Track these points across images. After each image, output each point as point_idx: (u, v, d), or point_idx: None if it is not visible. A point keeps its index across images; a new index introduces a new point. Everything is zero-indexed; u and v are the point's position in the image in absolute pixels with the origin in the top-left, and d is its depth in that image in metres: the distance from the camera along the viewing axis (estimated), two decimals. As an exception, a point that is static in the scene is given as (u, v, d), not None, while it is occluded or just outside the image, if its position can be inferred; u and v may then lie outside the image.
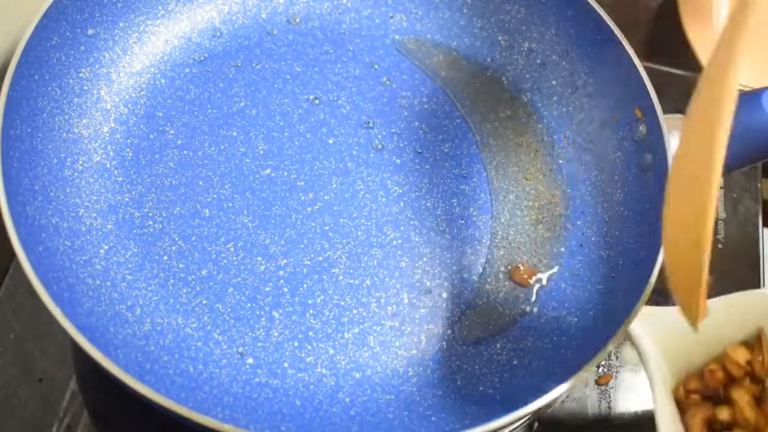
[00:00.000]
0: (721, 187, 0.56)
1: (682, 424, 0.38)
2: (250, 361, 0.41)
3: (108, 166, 0.46)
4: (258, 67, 0.51)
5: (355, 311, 0.44)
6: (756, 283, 0.53)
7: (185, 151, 0.47)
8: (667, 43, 0.75)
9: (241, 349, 0.42)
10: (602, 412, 0.47)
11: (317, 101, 0.50)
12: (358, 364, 0.42)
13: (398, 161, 0.49)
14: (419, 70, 0.52)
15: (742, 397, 0.38)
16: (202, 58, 0.50)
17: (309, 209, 0.46)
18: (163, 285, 0.43)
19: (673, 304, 0.35)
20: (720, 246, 0.54)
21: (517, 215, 0.48)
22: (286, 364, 0.42)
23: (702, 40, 0.71)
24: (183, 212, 0.45)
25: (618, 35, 0.47)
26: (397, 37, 0.53)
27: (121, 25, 0.48)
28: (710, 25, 0.73)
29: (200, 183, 0.46)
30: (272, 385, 0.41)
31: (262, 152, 0.48)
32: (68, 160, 0.44)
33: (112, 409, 0.44)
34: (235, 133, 0.48)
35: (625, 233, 0.45)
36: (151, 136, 0.47)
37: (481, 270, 0.46)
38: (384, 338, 0.43)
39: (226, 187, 0.46)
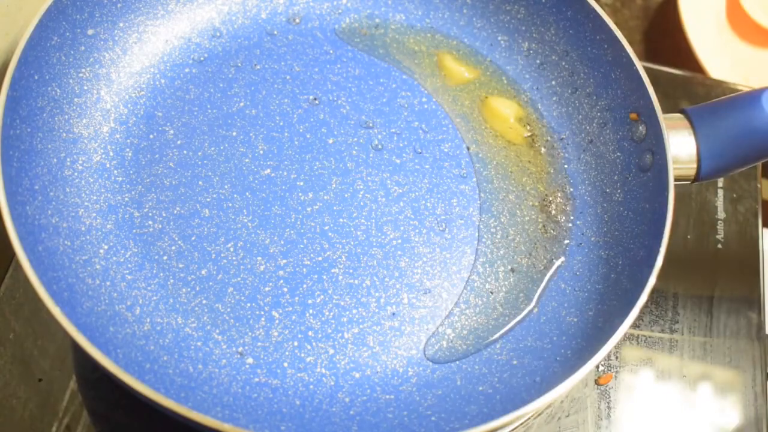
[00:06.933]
0: (721, 187, 0.57)
1: None
2: (250, 360, 0.41)
3: (108, 166, 0.46)
4: (258, 67, 0.51)
5: (354, 311, 0.44)
6: (756, 284, 0.53)
7: (185, 151, 0.47)
8: (667, 43, 0.75)
9: (240, 349, 0.42)
10: (602, 412, 0.47)
11: (317, 101, 0.50)
12: (357, 364, 0.42)
13: (398, 161, 0.49)
14: (419, 70, 0.52)
15: None
16: (202, 59, 0.50)
17: (309, 209, 0.46)
18: (162, 285, 0.43)
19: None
20: (720, 246, 0.54)
21: (517, 215, 0.48)
22: (285, 364, 0.42)
23: (702, 40, 0.71)
24: (183, 212, 0.45)
25: (618, 35, 0.47)
26: (396, 36, 0.53)
27: (121, 25, 0.48)
28: (710, 25, 0.74)
29: (200, 183, 0.46)
30: (272, 384, 0.41)
31: (261, 152, 0.48)
32: (68, 160, 0.44)
33: (112, 409, 0.44)
34: (234, 133, 0.48)
35: (625, 233, 0.45)
36: (151, 136, 0.47)
37: (481, 270, 0.46)
38: (384, 338, 0.43)
39: (226, 187, 0.46)
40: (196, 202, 0.45)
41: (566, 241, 0.47)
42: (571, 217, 0.48)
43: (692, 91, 0.61)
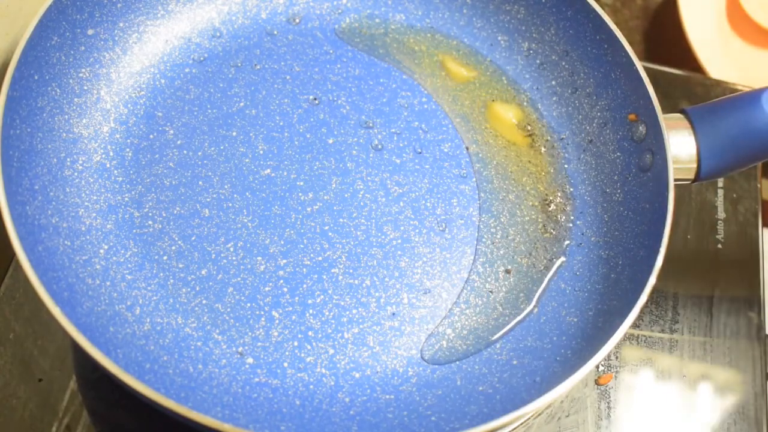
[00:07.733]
0: (721, 187, 0.57)
1: None
2: (250, 360, 0.41)
3: (108, 166, 0.46)
4: (258, 67, 0.51)
5: (354, 311, 0.44)
6: (756, 284, 0.53)
7: (185, 151, 0.47)
8: (667, 43, 0.75)
9: (240, 349, 0.42)
10: (602, 412, 0.47)
11: (317, 101, 0.50)
12: (357, 364, 0.42)
13: (398, 161, 0.49)
14: (419, 70, 0.52)
15: None
16: (202, 59, 0.50)
17: (309, 209, 0.46)
18: (162, 285, 0.43)
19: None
20: (720, 246, 0.54)
21: (517, 215, 0.48)
22: (285, 364, 0.42)
23: (702, 40, 0.71)
24: (183, 212, 0.45)
25: (618, 35, 0.47)
26: (396, 36, 0.53)
27: (121, 25, 0.48)
28: (710, 25, 0.74)
29: (200, 183, 0.46)
30: (272, 384, 0.41)
31: (261, 152, 0.48)
32: (68, 160, 0.44)
33: (112, 409, 0.44)
34: (235, 133, 0.48)
35: (625, 233, 0.45)
36: (151, 136, 0.47)
37: (481, 270, 0.46)
38: (384, 338, 0.43)
39: (226, 187, 0.46)
40: (196, 202, 0.45)
41: (566, 241, 0.47)
42: (571, 217, 0.48)
43: (692, 91, 0.61)
